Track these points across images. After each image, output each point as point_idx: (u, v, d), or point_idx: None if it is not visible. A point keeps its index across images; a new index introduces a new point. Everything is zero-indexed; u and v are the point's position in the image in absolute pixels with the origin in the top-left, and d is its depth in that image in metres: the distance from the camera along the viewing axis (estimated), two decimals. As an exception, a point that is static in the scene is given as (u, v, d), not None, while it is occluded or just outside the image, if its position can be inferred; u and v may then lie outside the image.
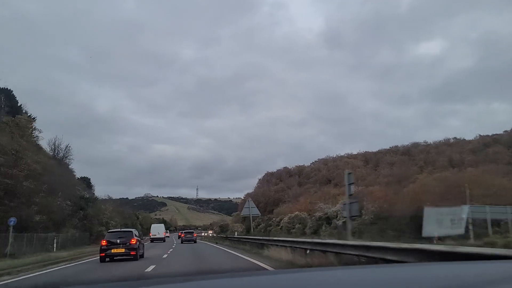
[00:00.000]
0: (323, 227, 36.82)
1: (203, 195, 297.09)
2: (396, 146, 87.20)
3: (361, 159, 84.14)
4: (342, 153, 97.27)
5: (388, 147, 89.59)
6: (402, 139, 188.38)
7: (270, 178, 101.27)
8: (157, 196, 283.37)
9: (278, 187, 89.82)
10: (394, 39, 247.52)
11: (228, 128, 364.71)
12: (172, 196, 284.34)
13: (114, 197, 67.32)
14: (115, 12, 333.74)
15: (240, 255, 20.25)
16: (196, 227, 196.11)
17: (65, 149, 45.98)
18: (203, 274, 1.72)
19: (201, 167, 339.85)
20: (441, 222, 10.37)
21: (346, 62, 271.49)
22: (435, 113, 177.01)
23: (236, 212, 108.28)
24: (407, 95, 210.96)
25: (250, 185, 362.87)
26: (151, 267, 14.57)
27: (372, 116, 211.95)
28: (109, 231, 23.43)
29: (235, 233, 42.37)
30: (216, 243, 39.35)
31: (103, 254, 18.24)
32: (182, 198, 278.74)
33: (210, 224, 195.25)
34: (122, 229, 23.78)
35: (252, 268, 13.36)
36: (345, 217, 16.27)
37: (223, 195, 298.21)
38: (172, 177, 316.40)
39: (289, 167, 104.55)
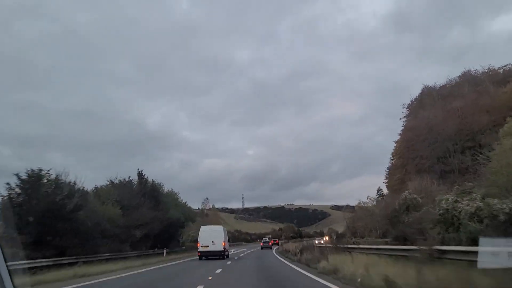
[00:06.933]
0: None
1: (252, 205, 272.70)
2: None
3: None
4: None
5: None
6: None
7: (437, 97, 62.29)
8: (198, 209, 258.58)
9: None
10: (467, 15, 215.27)
11: (283, 134, 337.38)
12: (216, 207, 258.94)
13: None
14: (167, 17, 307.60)
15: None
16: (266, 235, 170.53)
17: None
18: None
19: (252, 178, 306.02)
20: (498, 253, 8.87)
21: (412, 47, 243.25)
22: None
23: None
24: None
25: (301, 193, 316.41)
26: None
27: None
28: None
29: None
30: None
31: None
32: (227, 209, 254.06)
33: (280, 229, 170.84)
34: None
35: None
36: None
37: (272, 203, 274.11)
38: (223, 191, 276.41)
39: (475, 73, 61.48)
